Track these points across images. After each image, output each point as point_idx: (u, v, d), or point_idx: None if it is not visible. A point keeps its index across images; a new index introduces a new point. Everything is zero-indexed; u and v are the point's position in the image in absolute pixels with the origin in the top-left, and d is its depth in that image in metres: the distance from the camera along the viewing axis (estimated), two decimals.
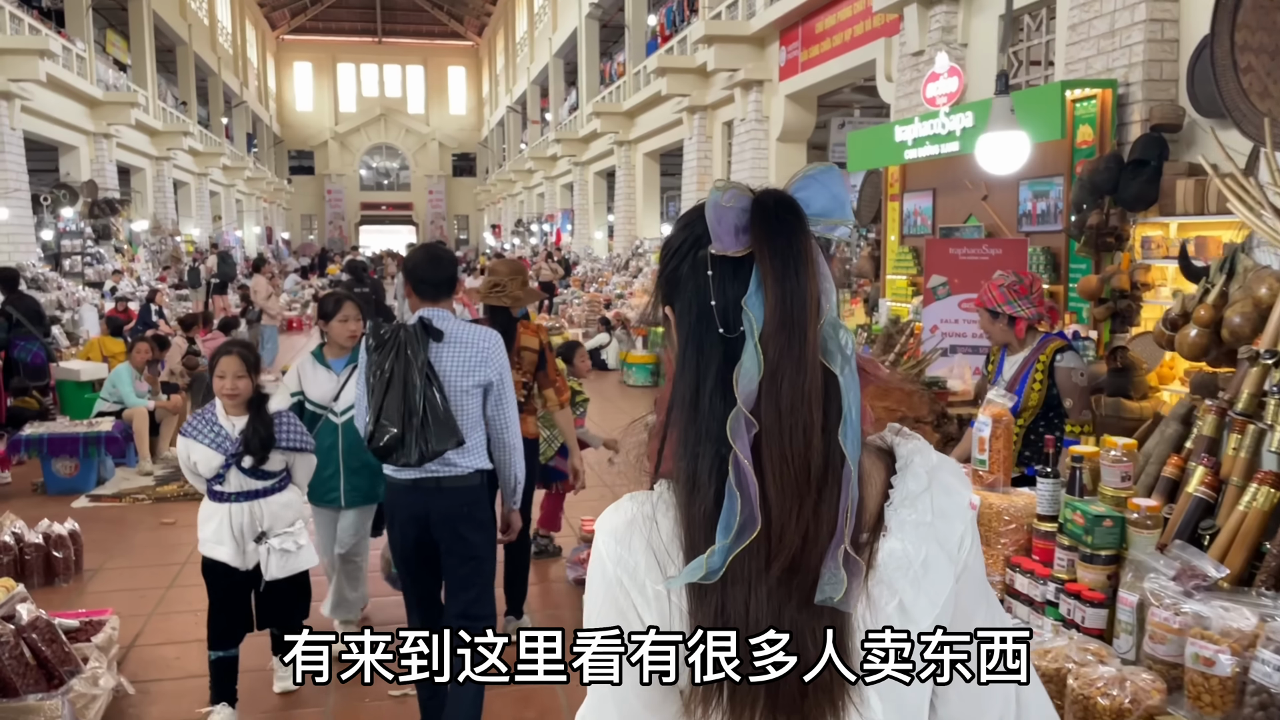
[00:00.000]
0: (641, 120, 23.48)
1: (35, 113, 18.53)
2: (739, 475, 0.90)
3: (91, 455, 6.81)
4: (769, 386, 0.91)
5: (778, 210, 0.95)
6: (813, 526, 0.92)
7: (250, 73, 44.50)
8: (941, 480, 1.01)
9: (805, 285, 0.92)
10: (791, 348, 0.92)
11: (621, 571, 0.98)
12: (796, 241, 0.93)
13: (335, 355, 4.55)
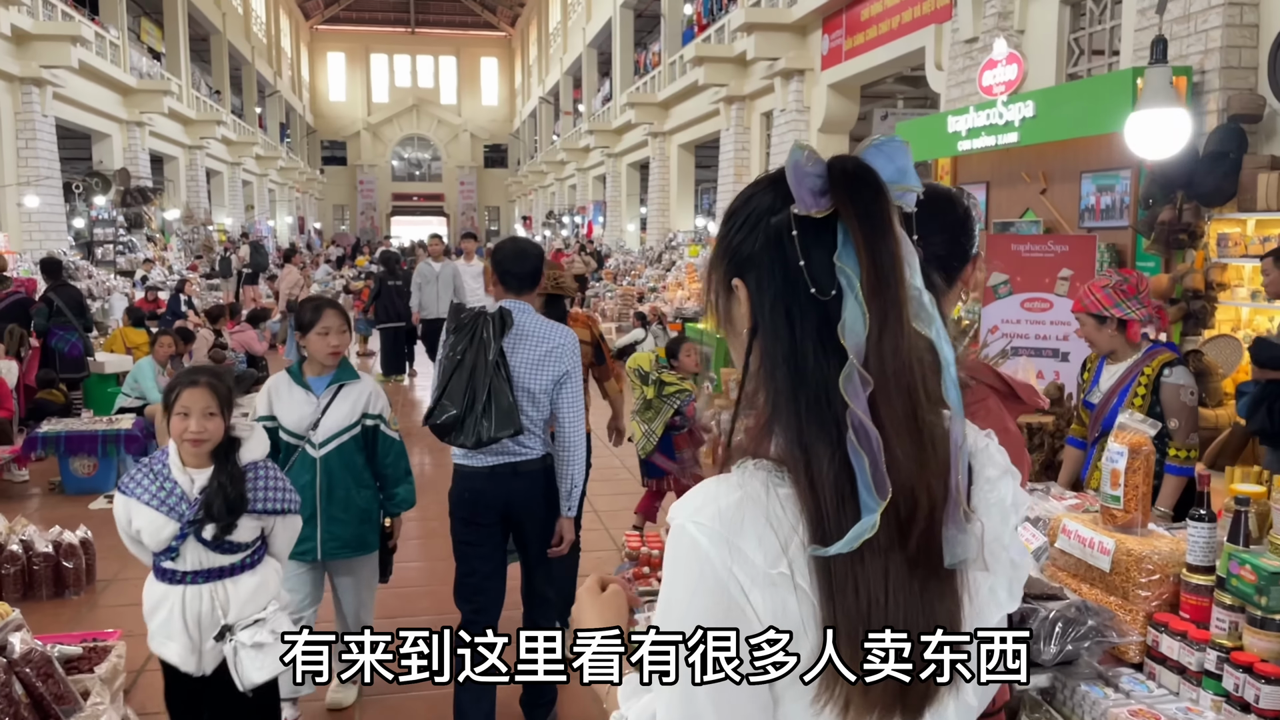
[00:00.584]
0: (676, 111, 23.10)
1: (68, 100, 18.43)
2: (861, 435, 0.86)
3: (110, 454, 6.53)
4: (874, 345, 0.89)
5: (858, 171, 0.93)
6: (936, 488, 0.89)
7: (284, 62, 44.50)
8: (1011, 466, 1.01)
9: (892, 245, 0.91)
10: (890, 305, 0.90)
11: (736, 567, 0.89)
12: (880, 201, 0.92)
13: (316, 373, 3.65)
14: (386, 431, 3.75)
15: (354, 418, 3.66)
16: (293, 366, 3.70)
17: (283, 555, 3.03)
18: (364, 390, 3.73)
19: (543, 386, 3.46)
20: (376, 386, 3.82)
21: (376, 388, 3.81)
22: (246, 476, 2.83)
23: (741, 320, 0.99)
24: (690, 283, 18.53)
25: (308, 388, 3.64)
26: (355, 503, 3.66)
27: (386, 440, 3.75)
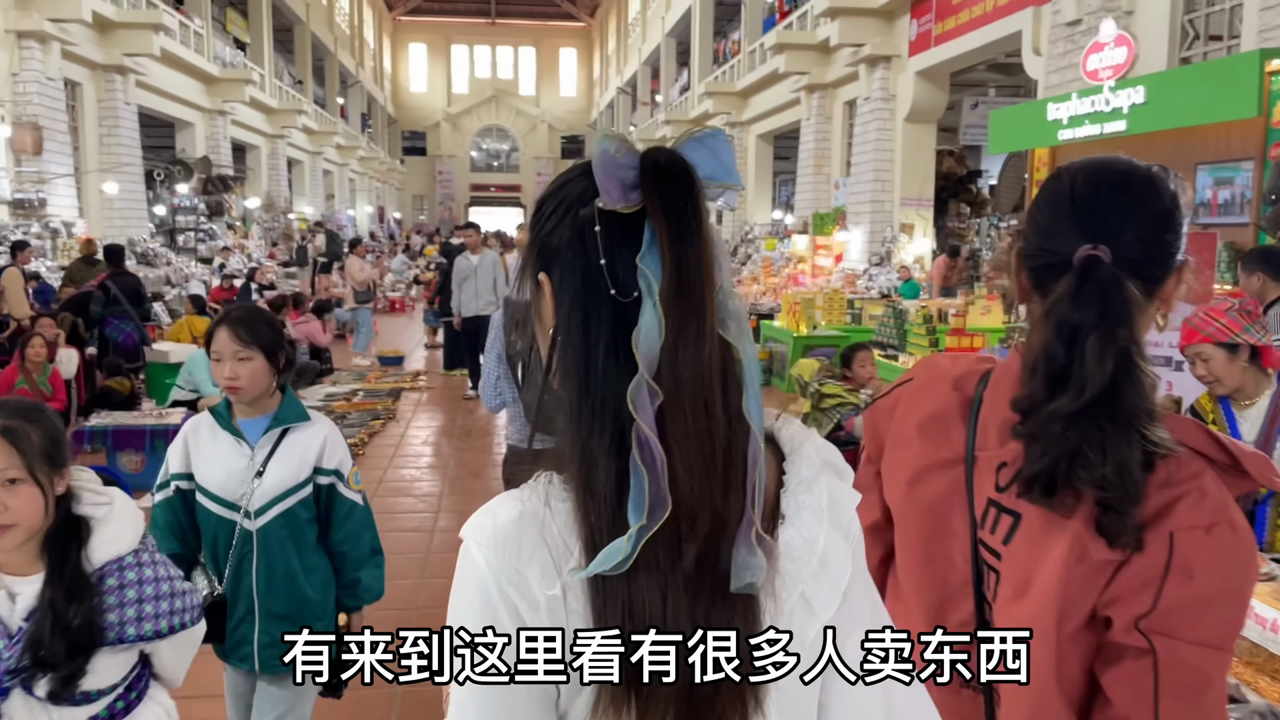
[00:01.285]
0: (755, 100, 22.59)
1: (151, 88, 18.65)
2: (643, 450, 0.81)
3: (159, 449, 6.31)
4: (669, 354, 0.82)
5: (670, 167, 0.86)
6: (723, 507, 0.84)
7: (366, 53, 44.95)
8: (832, 464, 0.94)
9: (700, 247, 0.84)
10: (691, 313, 0.83)
11: (507, 585, 0.85)
12: (690, 200, 0.85)
13: (248, 413, 2.58)
14: (345, 493, 2.65)
15: (302, 474, 2.57)
16: (219, 405, 2.62)
17: (175, 678, 2.01)
18: (316, 436, 2.61)
19: None
20: (333, 430, 2.68)
21: (333, 432, 2.67)
22: (103, 586, 1.78)
23: (548, 318, 0.91)
24: (767, 277, 18.03)
25: (238, 434, 2.54)
26: (302, 592, 2.61)
27: (345, 505, 2.65)
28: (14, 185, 13.91)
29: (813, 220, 18.07)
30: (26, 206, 14.00)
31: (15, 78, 13.98)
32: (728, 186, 0.88)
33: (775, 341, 11.27)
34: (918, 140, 15.19)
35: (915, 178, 15.29)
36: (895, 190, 15.53)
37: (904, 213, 15.36)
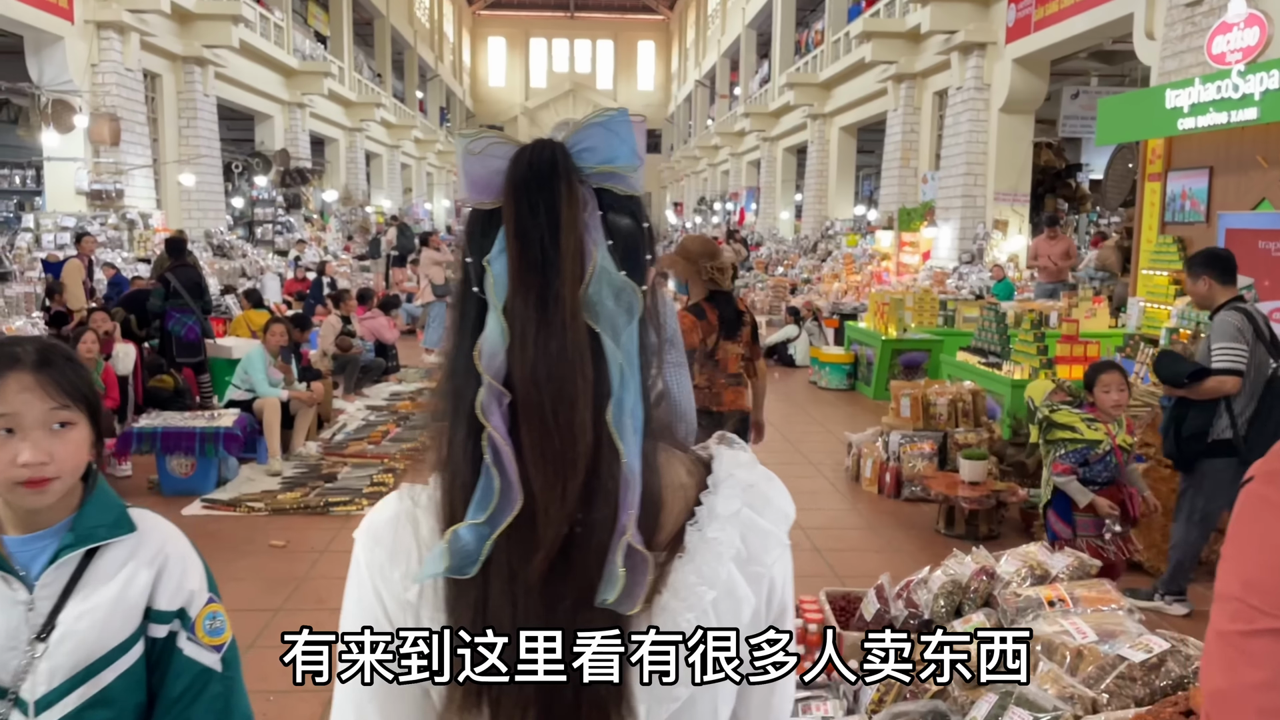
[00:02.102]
0: (839, 92, 21.84)
1: (231, 80, 18.69)
2: (495, 453, 0.79)
3: (209, 453, 6.02)
4: (519, 354, 0.80)
5: (533, 157, 0.83)
6: (584, 514, 0.80)
7: (446, 47, 45.12)
8: (755, 502, 0.89)
9: (559, 239, 0.80)
10: (538, 311, 0.80)
11: (378, 579, 0.86)
12: (551, 190, 0.82)
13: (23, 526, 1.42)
14: (192, 651, 1.49)
15: (125, 629, 1.44)
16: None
17: None
18: (146, 556, 1.48)
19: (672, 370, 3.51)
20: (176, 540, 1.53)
21: (176, 543, 1.53)
22: None
23: None
24: (849, 274, 17.35)
25: (8, 569, 1.40)
26: None
27: (187, 672, 1.48)
28: (92, 176, 13.94)
29: (898, 216, 17.33)
30: (104, 197, 14.02)
31: (94, 69, 14.01)
32: (619, 170, 0.85)
33: (861, 344, 10.66)
34: (1014, 132, 14.37)
35: (1010, 171, 14.47)
36: (988, 184, 14.73)
37: (997, 208, 14.56)
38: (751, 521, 0.88)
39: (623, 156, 0.85)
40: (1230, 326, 4.28)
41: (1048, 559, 3.40)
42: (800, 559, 5.26)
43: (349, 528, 5.70)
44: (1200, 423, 4.28)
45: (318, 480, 6.42)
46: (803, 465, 7.13)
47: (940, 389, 6.25)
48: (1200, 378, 4.27)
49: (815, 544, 5.43)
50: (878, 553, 5.28)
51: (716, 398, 4.33)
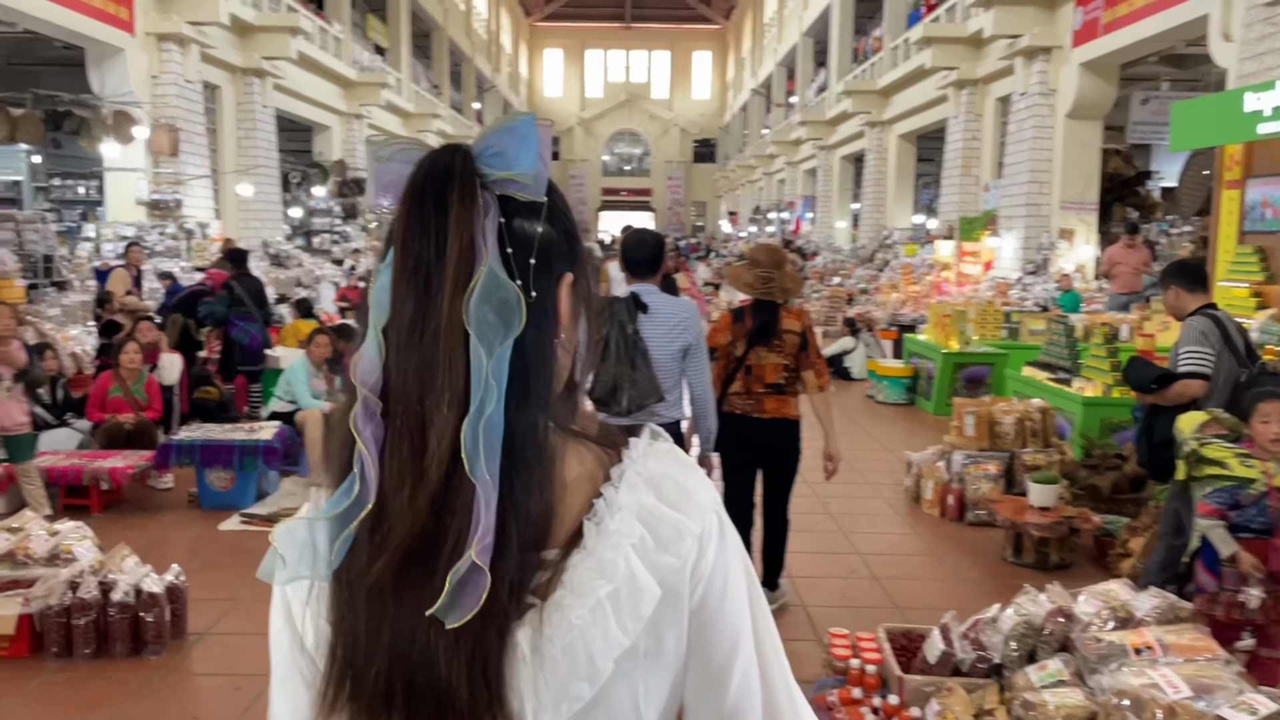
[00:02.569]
0: (898, 99, 21.44)
1: (289, 91, 18.87)
2: (361, 461, 0.80)
3: (248, 467, 5.91)
4: (393, 360, 0.80)
5: (432, 164, 0.83)
6: (436, 522, 0.79)
7: (503, 58, 45.42)
8: (665, 492, 0.85)
9: (445, 246, 0.80)
10: (415, 317, 0.80)
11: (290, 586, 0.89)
12: (443, 196, 0.81)
13: None
14: None
15: None
16: None
17: None
18: None
19: (672, 355, 3.85)
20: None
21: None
22: None
23: None
24: (907, 285, 16.94)
25: None
26: None
27: None
28: (151, 186, 14.10)
29: (959, 225, 16.89)
30: (163, 207, 14.18)
31: (155, 80, 14.19)
32: (519, 177, 0.83)
33: (921, 357, 10.30)
34: (1080, 138, 13.88)
35: (1077, 179, 13.99)
36: (1054, 193, 14.26)
37: (1063, 217, 14.08)
38: (658, 512, 0.84)
39: (523, 163, 0.83)
40: (1195, 331, 4.26)
41: (1132, 599, 3.11)
42: (858, 588, 5.03)
43: None
44: (1170, 429, 4.14)
45: None
46: (860, 485, 6.83)
47: (1007, 406, 5.91)
48: (1167, 383, 4.23)
49: (873, 571, 5.14)
50: (940, 582, 4.97)
51: (758, 405, 4.36)
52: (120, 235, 13.59)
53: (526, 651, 0.80)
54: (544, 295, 0.85)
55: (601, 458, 0.88)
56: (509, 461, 0.79)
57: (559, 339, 0.87)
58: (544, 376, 0.84)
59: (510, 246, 0.82)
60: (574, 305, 0.89)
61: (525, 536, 0.80)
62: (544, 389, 0.84)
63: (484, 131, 0.85)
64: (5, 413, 5.49)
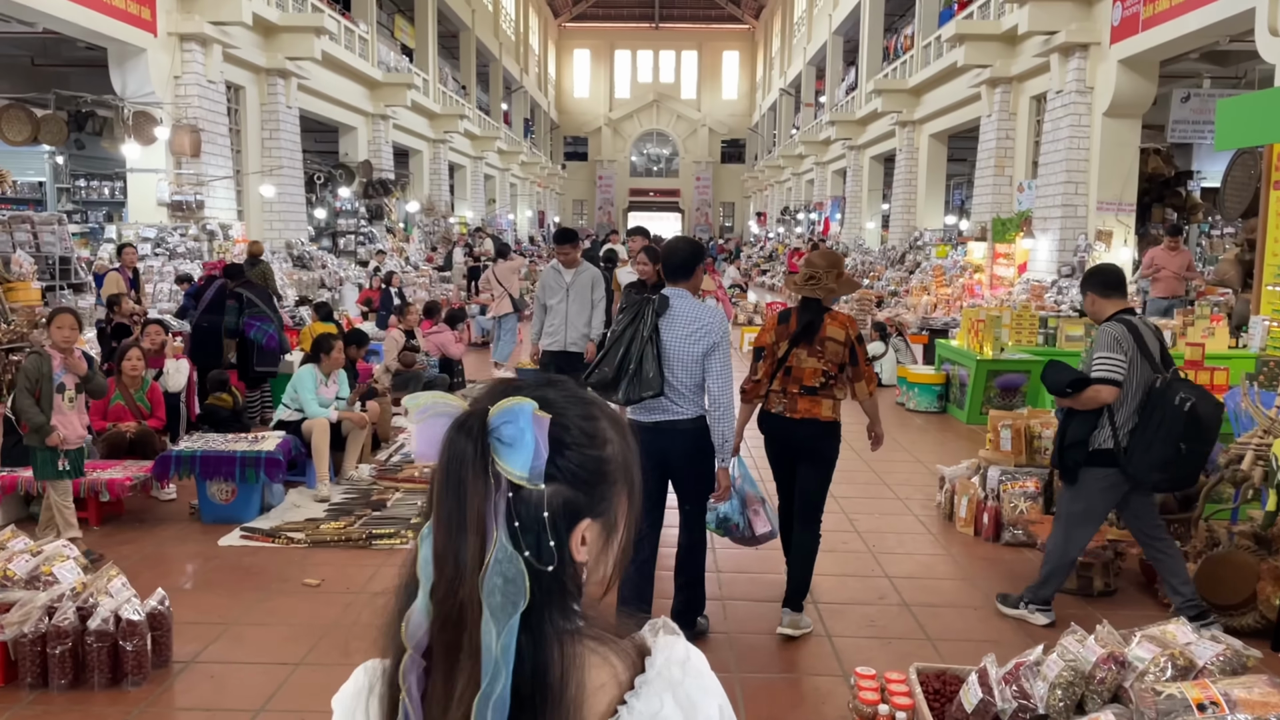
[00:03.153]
0: (929, 98, 21.04)
1: (314, 92, 18.77)
2: (405, 713, 0.90)
3: (250, 480, 5.70)
4: (436, 626, 0.90)
5: (453, 445, 0.90)
6: None
7: (531, 59, 45.26)
8: (678, 700, 0.93)
9: (465, 530, 0.88)
10: (444, 592, 0.89)
11: None
12: (460, 481, 0.88)
13: None
14: None
15: None
16: None
17: None
18: None
19: (693, 357, 4.06)
20: None
21: None
22: None
23: None
24: (938, 288, 16.58)
25: None
26: None
27: None
28: (173, 187, 14.00)
29: (992, 226, 16.50)
30: (185, 208, 14.08)
31: (177, 80, 14.09)
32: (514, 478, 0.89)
33: (953, 364, 9.96)
34: (1119, 137, 13.47)
35: (1115, 179, 13.57)
36: (1091, 193, 13.85)
37: (1101, 218, 13.66)
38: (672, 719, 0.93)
39: (517, 464, 0.88)
40: (1109, 337, 4.33)
41: (1192, 644, 2.80)
42: (888, 615, 4.72)
43: (390, 564, 5.29)
44: (1080, 432, 4.35)
45: (365, 508, 6.04)
46: (889, 500, 6.53)
47: (1046, 419, 5.59)
48: (1081, 388, 4.30)
49: (904, 597, 4.84)
50: (976, 610, 4.65)
51: (791, 405, 4.42)
52: (142, 237, 13.49)
53: None
54: (559, 554, 0.91)
55: (623, 664, 0.94)
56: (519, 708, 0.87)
57: (583, 566, 0.95)
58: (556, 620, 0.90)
59: (517, 520, 0.88)
60: (600, 537, 0.96)
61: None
62: (558, 627, 0.90)
63: (499, 406, 0.90)
64: (68, 425, 5.18)
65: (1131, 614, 4.45)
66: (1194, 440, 4.10)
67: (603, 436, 0.97)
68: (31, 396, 5.02)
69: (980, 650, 4.02)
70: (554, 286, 7.26)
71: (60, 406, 5.10)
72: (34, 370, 5.05)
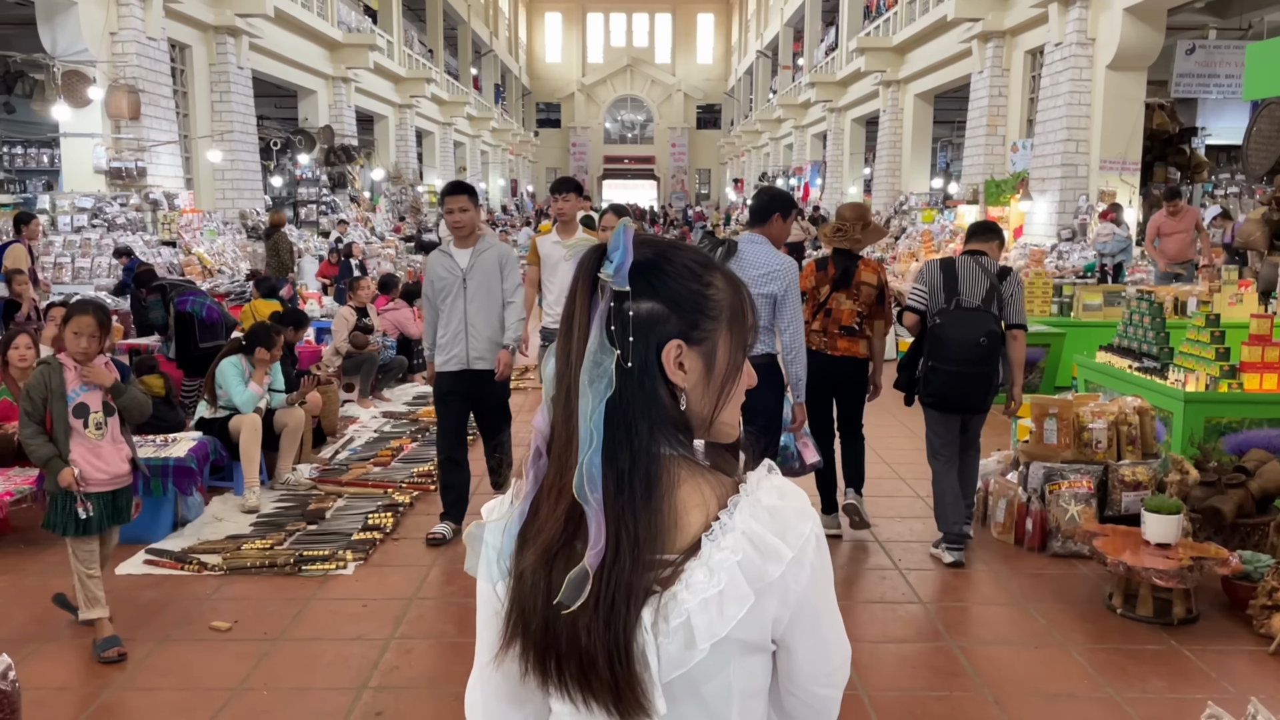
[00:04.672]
0: (914, 56, 20.17)
1: (269, 52, 17.65)
2: (527, 487, 1.09)
3: (155, 492, 4.86)
4: (556, 421, 1.08)
5: (583, 262, 1.09)
6: (569, 531, 1.05)
7: (501, 22, 43.89)
8: (772, 523, 1.06)
9: (574, 335, 1.07)
10: (564, 386, 1.07)
11: (485, 565, 1.13)
12: (572, 293, 1.09)
13: None
14: None
15: None
16: None
17: None
18: None
19: (761, 298, 4.19)
20: None
21: None
22: None
23: None
24: (927, 254, 15.78)
25: None
26: None
27: None
28: (111, 153, 12.94)
29: (984, 188, 15.71)
30: (125, 176, 13.02)
31: (113, 37, 12.99)
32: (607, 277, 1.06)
33: None
34: (1123, 91, 12.69)
35: (1119, 136, 12.81)
36: (1092, 152, 13.08)
37: (1104, 178, 12.90)
38: (764, 537, 1.05)
39: (609, 266, 1.06)
40: (920, 270, 4.86)
41: None
42: (925, 657, 3.40)
43: (320, 598, 4.24)
44: (912, 355, 4.84)
45: (299, 521, 5.13)
46: (907, 499, 5.70)
47: (1097, 407, 4.78)
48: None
49: (942, 629, 3.97)
50: (1038, 649, 3.76)
51: (831, 343, 4.93)
52: (79, 206, 12.49)
53: (648, 626, 1.03)
54: (645, 360, 1.06)
55: (720, 487, 1.09)
56: (617, 490, 1.04)
57: (681, 390, 1.08)
58: (647, 425, 1.06)
59: (612, 325, 1.05)
60: (698, 363, 1.10)
61: (638, 546, 1.03)
62: (648, 434, 1.06)
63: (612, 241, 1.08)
64: (102, 459, 3.73)
65: (1224, 650, 3.68)
66: (936, 358, 4.53)
67: (706, 279, 1.11)
68: (37, 423, 3.68)
69: (1055, 708, 3.23)
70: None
71: (80, 432, 3.70)
72: (39, 386, 3.68)
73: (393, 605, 4.13)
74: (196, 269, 12.56)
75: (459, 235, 5.07)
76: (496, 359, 4.98)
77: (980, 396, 4.54)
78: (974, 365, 4.46)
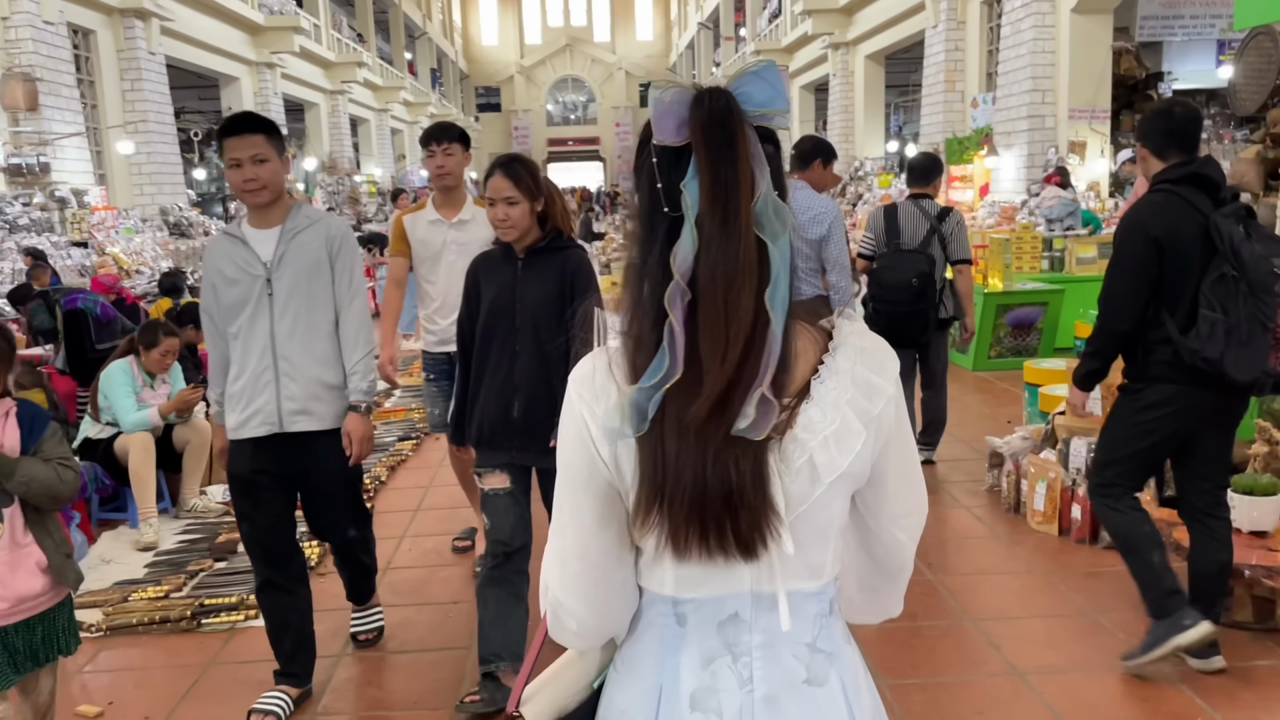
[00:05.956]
0: (864, 15, 19.55)
1: (184, 37, 16.57)
2: (670, 337, 1.04)
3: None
4: (704, 256, 1.04)
5: (711, 103, 1.06)
6: (736, 375, 1.04)
7: (434, 5, 42.67)
8: (867, 362, 1.13)
9: (736, 168, 1.05)
10: (722, 223, 1.04)
11: (585, 411, 1.12)
12: (727, 130, 1.05)
13: None
14: None
15: None
16: None
17: None
18: None
19: (808, 241, 4.30)
20: None
21: None
22: None
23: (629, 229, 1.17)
24: None
25: None
26: None
27: None
28: (9, 148, 11.87)
29: (945, 147, 15.11)
30: (26, 172, 11.96)
31: (4, 22, 11.91)
32: (773, 113, 1.09)
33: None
34: (1090, 36, 12.12)
35: (1087, 84, 12.24)
36: (1060, 101, 12.52)
37: (1073, 127, 12.34)
38: (863, 376, 1.12)
39: (779, 103, 1.09)
40: (870, 218, 5.13)
41: None
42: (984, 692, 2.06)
43: (222, 661, 3.29)
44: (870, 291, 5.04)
45: (204, 559, 4.30)
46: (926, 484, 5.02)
47: None
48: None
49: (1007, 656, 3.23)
50: (1113, 673, 3.04)
51: None
52: None
53: (776, 466, 1.08)
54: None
55: (813, 333, 1.15)
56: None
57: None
58: (794, 266, 1.09)
59: (770, 169, 1.08)
60: None
61: (780, 385, 1.07)
62: (798, 277, 1.11)
63: (734, 75, 1.11)
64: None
65: None
66: (876, 299, 4.87)
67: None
68: None
69: None
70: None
71: None
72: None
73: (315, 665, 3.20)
74: (112, 270, 11.56)
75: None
76: (341, 421, 3.03)
77: (920, 330, 4.85)
78: (908, 304, 4.77)
